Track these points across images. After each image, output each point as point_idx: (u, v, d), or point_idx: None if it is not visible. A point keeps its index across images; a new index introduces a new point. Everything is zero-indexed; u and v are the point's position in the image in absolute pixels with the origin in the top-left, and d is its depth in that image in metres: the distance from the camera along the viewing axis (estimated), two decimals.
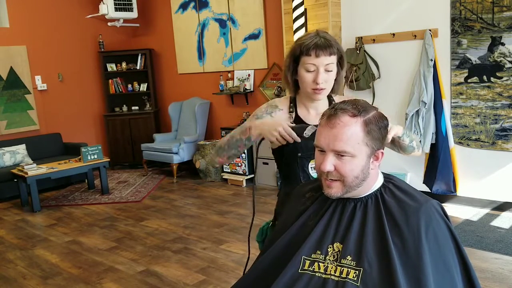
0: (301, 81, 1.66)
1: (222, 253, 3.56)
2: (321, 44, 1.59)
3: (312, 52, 1.59)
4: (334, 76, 1.66)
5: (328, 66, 1.61)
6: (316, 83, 1.62)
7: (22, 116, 6.21)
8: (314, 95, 1.66)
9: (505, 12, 3.76)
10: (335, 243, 1.28)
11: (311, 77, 1.62)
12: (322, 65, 1.60)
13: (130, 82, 7.09)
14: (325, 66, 1.61)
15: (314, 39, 1.61)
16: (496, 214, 3.97)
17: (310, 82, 1.63)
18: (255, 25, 5.66)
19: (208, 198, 5.16)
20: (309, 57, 1.60)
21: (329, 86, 1.66)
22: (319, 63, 1.60)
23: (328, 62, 1.61)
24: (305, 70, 1.63)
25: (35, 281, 3.30)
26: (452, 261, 1.25)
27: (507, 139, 3.90)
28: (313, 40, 1.60)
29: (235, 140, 1.65)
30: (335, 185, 1.28)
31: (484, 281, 2.85)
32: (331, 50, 1.60)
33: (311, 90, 1.65)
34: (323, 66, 1.61)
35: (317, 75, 1.61)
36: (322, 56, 1.59)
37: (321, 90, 1.64)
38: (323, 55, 1.59)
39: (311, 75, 1.62)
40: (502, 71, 3.85)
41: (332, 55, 1.61)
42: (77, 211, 4.98)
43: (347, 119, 1.23)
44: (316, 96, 1.66)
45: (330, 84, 1.66)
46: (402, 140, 1.61)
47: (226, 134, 6.00)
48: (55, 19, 6.50)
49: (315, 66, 1.61)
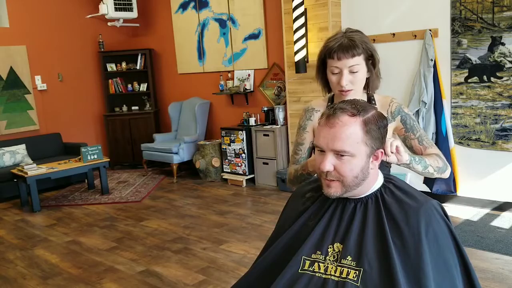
0: (329, 83, 1.68)
1: (222, 253, 3.56)
2: (345, 45, 1.58)
3: (334, 55, 1.60)
4: (362, 76, 1.64)
5: (353, 67, 1.60)
6: (340, 85, 1.62)
7: (22, 116, 6.21)
8: (341, 97, 1.66)
9: (505, 12, 3.76)
10: (335, 243, 1.28)
11: (336, 80, 1.63)
12: (345, 67, 1.60)
13: (130, 82, 7.09)
14: (349, 68, 1.60)
15: (339, 41, 1.60)
16: (496, 214, 3.97)
17: (335, 84, 1.64)
18: (255, 25, 5.66)
19: (208, 198, 5.16)
20: (333, 60, 1.61)
21: (357, 87, 1.64)
22: (343, 65, 1.60)
23: (352, 64, 1.59)
24: (331, 73, 1.64)
25: (35, 281, 3.29)
26: (452, 261, 1.25)
27: (507, 139, 3.90)
28: (338, 41, 1.60)
29: (299, 175, 1.67)
30: (335, 185, 1.28)
31: (484, 281, 2.85)
32: (355, 51, 1.58)
33: (338, 92, 1.66)
34: (347, 68, 1.60)
35: (341, 78, 1.61)
36: (344, 59, 1.59)
37: (347, 92, 1.63)
38: (345, 58, 1.58)
39: (336, 77, 1.63)
40: (502, 71, 3.84)
41: (356, 57, 1.59)
42: (77, 211, 4.98)
43: (346, 119, 1.23)
44: (344, 97, 1.65)
45: (358, 85, 1.64)
46: (412, 167, 1.52)
47: (226, 134, 6.00)
48: (55, 19, 6.50)
49: (339, 69, 1.61)
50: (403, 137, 1.71)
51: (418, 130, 1.70)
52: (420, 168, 1.54)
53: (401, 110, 1.70)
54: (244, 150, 5.51)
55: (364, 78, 1.66)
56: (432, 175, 1.61)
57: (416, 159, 1.52)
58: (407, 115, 1.70)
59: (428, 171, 1.57)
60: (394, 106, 1.70)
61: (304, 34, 4.68)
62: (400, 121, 1.69)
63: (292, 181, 1.73)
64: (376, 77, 1.70)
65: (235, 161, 5.63)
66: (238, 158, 5.59)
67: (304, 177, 1.64)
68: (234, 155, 5.62)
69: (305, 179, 1.65)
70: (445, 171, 1.64)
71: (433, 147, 1.68)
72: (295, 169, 1.70)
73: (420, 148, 1.67)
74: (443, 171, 1.64)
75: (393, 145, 1.36)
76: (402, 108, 1.71)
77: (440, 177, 1.65)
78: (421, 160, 1.55)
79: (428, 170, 1.57)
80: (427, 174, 1.59)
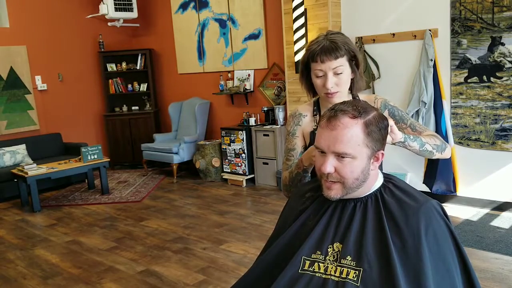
0: (315, 86, 1.68)
1: (222, 253, 3.56)
2: (327, 48, 1.58)
3: (317, 58, 1.60)
4: (347, 78, 1.64)
5: (337, 69, 1.60)
6: (326, 88, 1.62)
7: (22, 116, 6.21)
8: (328, 99, 1.67)
9: (505, 12, 3.76)
10: (335, 243, 1.28)
11: (321, 82, 1.63)
12: (329, 69, 1.60)
13: (130, 82, 7.09)
14: (333, 70, 1.60)
15: (320, 43, 1.60)
16: (496, 214, 3.97)
17: (321, 87, 1.64)
18: (255, 25, 5.66)
19: (208, 198, 5.16)
20: (316, 63, 1.61)
21: (342, 88, 1.65)
22: (326, 68, 1.60)
23: (336, 65, 1.59)
24: (315, 76, 1.64)
25: (35, 281, 3.30)
26: (452, 261, 1.25)
27: (507, 139, 3.91)
28: (320, 44, 1.60)
29: (294, 175, 1.66)
30: (335, 187, 1.28)
31: (484, 281, 2.85)
32: (337, 53, 1.58)
33: (323, 95, 1.66)
34: (331, 70, 1.60)
35: (326, 80, 1.61)
36: (327, 61, 1.59)
37: (333, 94, 1.64)
38: (328, 60, 1.59)
39: (321, 80, 1.63)
40: (502, 71, 3.85)
41: (339, 58, 1.59)
42: (77, 211, 4.98)
43: (347, 121, 1.23)
44: (330, 99, 1.66)
45: (343, 87, 1.65)
46: (408, 145, 1.53)
47: (226, 134, 6.00)
48: (55, 19, 6.50)
49: (323, 72, 1.61)
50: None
51: (408, 119, 1.72)
52: (417, 146, 1.54)
53: (387, 104, 1.72)
54: (244, 150, 5.52)
55: (348, 79, 1.66)
56: (432, 154, 1.61)
57: (411, 137, 1.53)
58: (393, 107, 1.72)
59: (426, 149, 1.57)
60: (379, 102, 1.72)
61: (304, 34, 4.69)
62: (389, 114, 1.71)
63: (287, 186, 1.72)
64: (360, 78, 1.70)
65: (235, 161, 5.63)
66: (238, 158, 5.59)
67: (300, 176, 1.64)
68: (234, 155, 5.63)
69: (301, 178, 1.64)
70: (445, 149, 1.64)
71: (428, 130, 1.69)
72: (289, 172, 1.70)
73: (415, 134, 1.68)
74: (443, 149, 1.63)
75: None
76: (388, 102, 1.73)
77: (441, 156, 1.64)
78: (416, 138, 1.55)
79: (426, 147, 1.57)
80: (426, 153, 1.59)
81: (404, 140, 1.49)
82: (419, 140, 1.56)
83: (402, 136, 1.48)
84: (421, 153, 1.59)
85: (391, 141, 1.43)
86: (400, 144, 1.50)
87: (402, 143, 1.50)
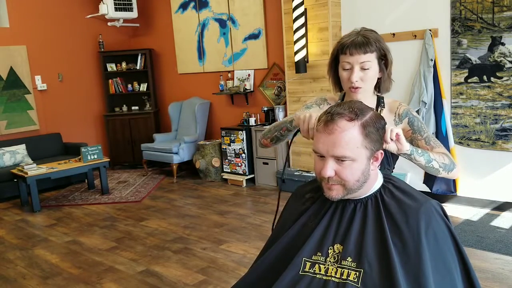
0: (340, 80, 1.69)
1: (222, 253, 3.56)
2: (358, 42, 1.59)
3: (347, 51, 1.60)
4: (373, 75, 1.64)
5: (364, 64, 1.60)
6: (351, 81, 1.62)
7: (22, 116, 6.20)
8: (351, 94, 1.66)
9: (505, 12, 3.76)
10: (335, 245, 1.28)
11: (347, 75, 1.64)
12: (357, 63, 1.60)
13: (130, 82, 7.09)
14: (360, 64, 1.60)
15: (352, 37, 1.61)
16: (496, 214, 3.97)
17: (346, 80, 1.65)
18: (255, 25, 5.66)
19: (208, 198, 5.16)
20: (345, 56, 1.62)
21: (366, 85, 1.64)
22: (354, 61, 1.60)
23: (363, 60, 1.60)
24: (342, 68, 1.65)
25: (35, 281, 3.29)
26: (452, 261, 1.25)
27: (507, 139, 3.90)
28: (351, 38, 1.61)
29: (280, 123, 1.68)
30: (336, 187, 1.27)
31: (484, 281, 2.85)
32: (368, 48, 1.59)
33: (348, 89, 1.67)
34: (358, 64, 1.60)
35: (351, 73, 1.62)
36: (356, 55, 1.59)
37: (357, 89, 1.63)
38: (357, 53, 1.59)
39: (347, 73, 1.64)
40: (502, 71, 3.84)
41: (368, 53, 1.59)
42: (77, 211, 4.98)
43: (344, 124, 1.22)
44: (353, 94, 1.65)
45: (368, 83, 1.64)
46: (414, 159, 1.47)
47: (226, 134, 5.99)
48: (55, 19, 6.50)
49: (350, 64, 1.61)
50: (410, 139, 1.68)
51: (426, 131, 1.68)
52: (423, 161, 1.49)
53: (409, 112, 1.70)
54: (244, 150, 5.51)
55: (375, 77, 1.66)
56: (438, 172, 1.55)
57: (418, 151, 1.47)
58: (414, 118, 1.69)
59: (432, 166, 1.52)
60: (402, 108, 1.71)
61: (304, 34, 4.69)
62: (408, 123, 1.69)
63: (265, 133, 1.75)
64: (387, 78, 1.70)
65: (235, 161, 5.63)
66: (238, 158, 5.59)
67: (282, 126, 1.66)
68: (234, 155, 5.62)
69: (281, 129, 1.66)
70: (453, 170, 1.58)
71: (441, 147, 1.65)
72: (279, 121, 1.72)
73: (427, 148, 1.65)
74: (450, 170, 1.57)
75: (393, 132, 1.34)
76: (411, 111, 1.71)
77: (448, 176, 1.59)
78: (424, 153, 1.49)
79: (433, 164, 1.52)
80: (432, 169, 1.53)
81: (410, 153, 1.44)
82: (427, 156, 1.50)
83: (409, 148, 1.43)
84: (426, 169, 1.54)
85: (396, 150, 1.40)
86: (406, 156, 1.46)
87: (407, 156, 1.45)
